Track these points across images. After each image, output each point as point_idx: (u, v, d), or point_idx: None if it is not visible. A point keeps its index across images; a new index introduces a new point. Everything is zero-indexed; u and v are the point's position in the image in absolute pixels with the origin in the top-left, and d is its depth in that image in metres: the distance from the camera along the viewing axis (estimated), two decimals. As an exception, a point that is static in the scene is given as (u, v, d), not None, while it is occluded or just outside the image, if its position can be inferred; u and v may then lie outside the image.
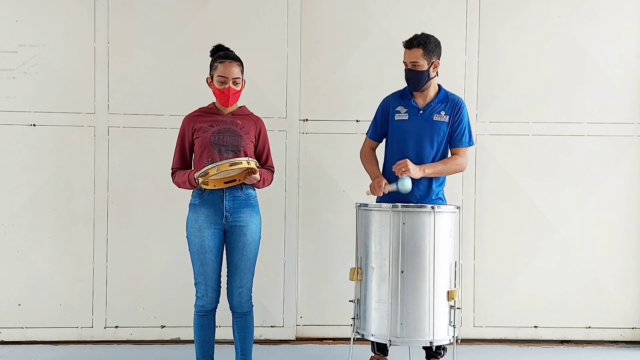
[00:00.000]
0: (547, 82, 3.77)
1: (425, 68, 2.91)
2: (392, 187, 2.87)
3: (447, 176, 3.05)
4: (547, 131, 3.77)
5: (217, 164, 2.54)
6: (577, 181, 3.77)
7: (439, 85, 3.04)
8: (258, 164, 2.72)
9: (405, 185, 2.80)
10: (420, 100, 3.01)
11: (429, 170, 2.88)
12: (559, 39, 3.76)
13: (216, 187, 2.70)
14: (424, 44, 2.88)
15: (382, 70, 3.69)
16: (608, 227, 3.78)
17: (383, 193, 2.91)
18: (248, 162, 2.59)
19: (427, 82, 2.95)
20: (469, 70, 3.76)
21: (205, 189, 2.72)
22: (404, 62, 2.95)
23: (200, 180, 2.60)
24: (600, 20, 3.77)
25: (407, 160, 2.84)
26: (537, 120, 3.77)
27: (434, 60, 2.93)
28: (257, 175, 2.69)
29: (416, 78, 2.92)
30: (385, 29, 3.72)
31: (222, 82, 2.76)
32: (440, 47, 2.96)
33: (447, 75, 3.67)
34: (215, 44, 2.89)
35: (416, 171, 2.83)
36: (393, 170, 2.87)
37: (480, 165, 3.76)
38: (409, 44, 2.91)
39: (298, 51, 3.72)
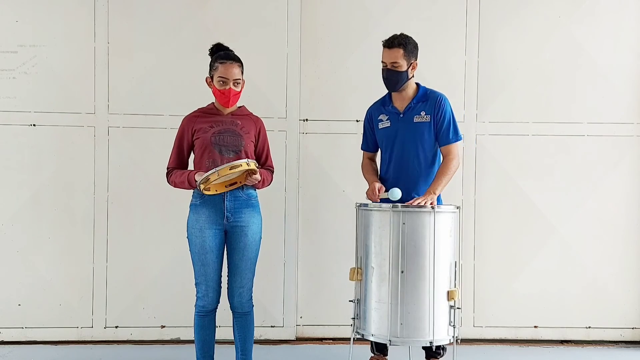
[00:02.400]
0: (547, 82, 3.77)
1: (405, 69, 2.90)
2: (384, 195, 2.89)
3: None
4: (547, 131, 3.77)
5: (217, 169, 2.53)
6: (577, 181, 3.77)
7: (417, 84, 3.03)
8: (258, 165, 2.72)
9: (395, 195, 2.81)
10: (399, 103, 3.00)
11: (438, 190, 2.85)
12: (559, 39, 3.76)
13: (218, 192, 2.69)
14: (404, 45, 2.88)
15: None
16: (608, 227, 3.78)
17: (380, 199, 2.91)
18: (248, 164, 2.58)
19: (405, 82, 2.94)
20: (469, 70, 3.76)
21: None
22: (382, 61, 2.93)
23: (202, 187, 2.59)
24: (600, 20, 3.77)
25: (421, 199, 2.75)
26: (537, 120, 3.77)
27: (412, 61, 2.93)
28: (258, 176, 2.68)
29: (395, 78, 2.91)
30: (385, 29, 3.70)
31: (223, 83, 2.75)
32: (418, 48, 2.96)
33: (447, 75, 3.70)
34: (213, 44, 2.88)
35: (434, 198, 2.79)
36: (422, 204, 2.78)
37: (480, 165, 3.76)
38: (390, 44, 2.89)
39: (298, 51, 3.72)
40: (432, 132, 2.96)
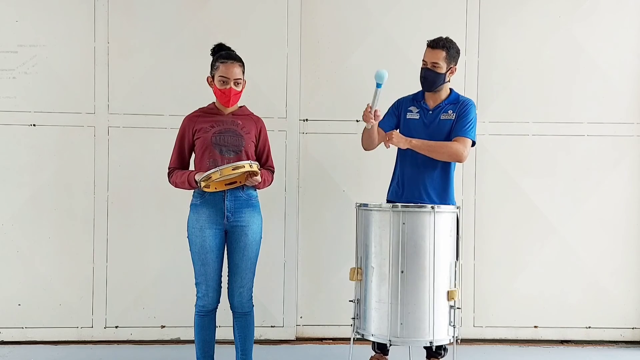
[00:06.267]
0: (547, 82, 3.77)
1: (444, 71, 2.94)
2: (372, 98, 2.79)
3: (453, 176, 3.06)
4: (547, 131, 3.77)
5: (220, 168, 2.53)
6: (577, 181, 3.77)
7: (450, 89, 3.07)
8: (259, 166, 2.72)
9: (381, 76, 2.69)
10: (431, 102, 3.05)
11: (416, 142, 2.90)
12: (559, 38, 3.76)
13: (217, 190, 2.70)
14: (447, 48, 2.93)
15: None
16: (608, 227, 3.78)
17: (373, 112, 2.83)
18: (250, 165, 2.59)
19: (441, 84, 2.98)
20: (469, 70, 3.76)
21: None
22: (423, 60, 2.98)
23: (203, 184, 2.59)
24: (600, 20, 3.77)
25: (394, 131, 2.93)
26: (537, 120, 3.77)
27: (452, 65, 2.98)
28: (258, 177, 2.69)
29: (433, 78, 2.95)
30: (385, 28, 3.72)
31: (224, 83, 2.75)
32: (459, 55, 3.01)
33: (447, 75, 3.69)
34: (215, 44, 2.88)
35: (400, 141, 2.87)
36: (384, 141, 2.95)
37: (480, 165, 3.76)
38: (434, 45, 2.94)
39: (298, 51, 3.72)
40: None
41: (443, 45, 2.93)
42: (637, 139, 3.79)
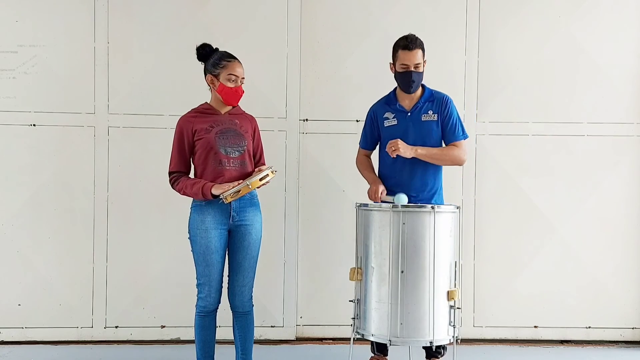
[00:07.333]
0: (546, 82, 3.77)
1: (423, 69, 2.94)
2: (388, 199, 2.89)
3: (442, 175, 3.05)
4: (546, 131, 3.77)
5: (247, 182, 2.57)
6: (577, 181, 3.77)
7: (422, 85, 3.05)
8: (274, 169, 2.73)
9: (402, 201, 2.82)
10: (407, 102, 3.01)
11: (421, 151, 2.88)
12: (559, 38, 3.76)
13: (232, 199, 2.66)
14: (421, 45, 2.92)
15: (382, 69, 3.65)
16: (608, 227, 3.78)
17: (382, 200, 2.92)
18: (273, 172, 2.63)
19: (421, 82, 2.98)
20: (469, 70, 3.76)
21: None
22: (403, 64, 2.90)
23: (230, 199, 2.58)
24: (600, 20, 3.77)
25: (398, 140, 2.86)
26: (536, 120, 3.77)
27: (425, 60, 2.96)
28: (269, 179, 2.69)
29: (419, 80, 2.94)
30: (385, 28, 3.72)
31: (233, 81, 2.75)
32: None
33: (447, 75, 3.69)
34: (214, 45, 2.86)
35: (407, 150, 2.84)
36: (386, 150, 2.89)
37: (480, 165, 3.77)
38: (412, 46, 2.88)
39: (298, 51, 3.72)
40: (439, 130, 2.98)
41: (419, 45, 2.90)
42: (637, 139, 3.80)
